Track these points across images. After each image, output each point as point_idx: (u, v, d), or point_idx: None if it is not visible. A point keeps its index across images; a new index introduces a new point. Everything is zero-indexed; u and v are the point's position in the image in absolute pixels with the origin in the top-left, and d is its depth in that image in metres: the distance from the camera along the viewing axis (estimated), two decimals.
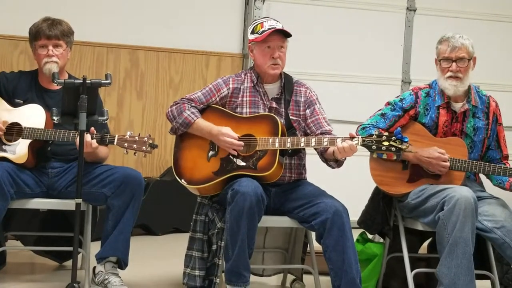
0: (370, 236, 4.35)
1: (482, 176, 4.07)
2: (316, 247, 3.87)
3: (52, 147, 4.04)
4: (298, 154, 3.93)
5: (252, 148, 3.80)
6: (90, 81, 3.64)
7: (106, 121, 3.91)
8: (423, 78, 4.53)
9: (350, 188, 5.03)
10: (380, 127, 3.96)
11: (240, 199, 3.59)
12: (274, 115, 3.84)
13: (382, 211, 4.03)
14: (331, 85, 6.24)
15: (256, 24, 3.92)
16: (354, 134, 3.68)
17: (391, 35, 6.54)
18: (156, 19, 6.02)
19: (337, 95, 6.13)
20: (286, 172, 3.89)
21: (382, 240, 4.25)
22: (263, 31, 3.85)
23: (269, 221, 3.83)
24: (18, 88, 4.10)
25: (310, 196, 3.80)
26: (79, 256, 3.91)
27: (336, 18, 6.40)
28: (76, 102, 3.61)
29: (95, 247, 4.09)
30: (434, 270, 3.73)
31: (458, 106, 3.97)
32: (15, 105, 4.04)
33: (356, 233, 3.96)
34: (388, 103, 4.03)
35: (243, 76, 3.98)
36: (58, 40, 4.07)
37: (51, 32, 4.05)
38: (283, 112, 3.92)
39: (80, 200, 3.65)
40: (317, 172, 4.05)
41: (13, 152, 3.95)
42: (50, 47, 4.05)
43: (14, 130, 3.96)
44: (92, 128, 3.90)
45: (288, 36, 3.88)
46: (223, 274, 3.80)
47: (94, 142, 3.87)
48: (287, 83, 3.97)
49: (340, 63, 6.42)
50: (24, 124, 3.95)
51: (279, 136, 3.75)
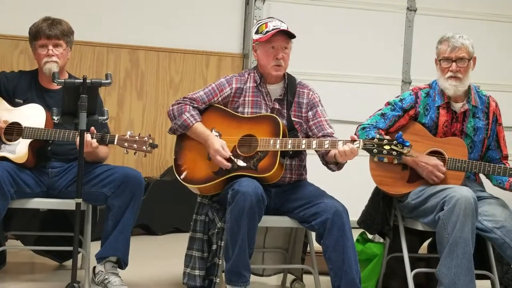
0: (370, 236, 4.35)
1: (482, 176, 4.06)
2: (316, 247, 3.87)
3: (52, 147, 4.04)
4: (299, 156, 3.93)
5: (253, 148, 3.79)
6: (90, 81, 3.64)
7: (106, 120, 3.91)
8: (423, 78, 4.52)
9: (350, 188, 5.03)
10: (380, 127, 3.96)
11: (240, 199, 3.59)
12: (275, 116, 3.83)
13: (382, 211, 4.02)
14: (331, 85, 6.24)
15: (261, 24, 3.91)
16: (355, 137, 3.67)
17: (391, 35, 6.54)
18: (156, 19, 6.02)
19: (337, 95, 6.12)
20: (287, 173, 3.88)
21: (382, 240, 4.25)
22: (267, 31, 3.84)
23: (269, 221, 3.83)
24: (18, 88, 4.10)
25: (310, 196, 3.80)
26: (79, 256, 3.90)
27: (336, 18, 6.40)
28: (76, 102, 3.60)
29: (95, 247, 4.08)
30: (434, 270, 3.73)
31: (458, 106, 3.97)
32: (15, 105, 4.05)
33: (356, 233, 3.96)
34: (388, 103, 4.03)
35: (246, 76, 3.98)
36: (58, 40, 4.07)
37: (51, 32, 4.05)
38: (285, 113, 3.91)
39: (80, 200, 3.64)
40: (317, 173, 4.05)
41: (13, 152, 3.94)
42: (50, 47, 4.05)
43: (14, 130, 3.96)
44: (92, 127, 3.90)
45: (292, 37, 3.88)
46: (223, 274, 3.80)
47: (94, 142, 3.86)
48: (290, 84, 3.96)
49: (340, 63, 6.42)
50: (24, 123, 3.95)
51: (280, 137, 3.75)
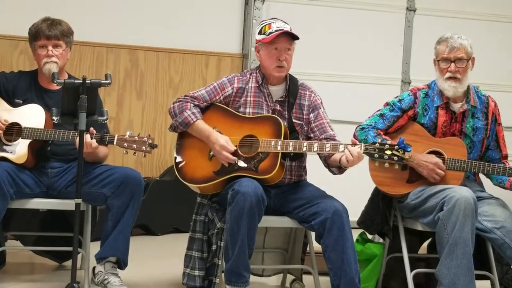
0: (370, 236, 4.35)
1: (482, 176, 4.06)
2: (316, 247, 3.87)
3: (52, 147, 4.04)
4: (300, 158, 3.92)
5: (254, 149, 3.79)
6: (90, 81, 3.64)
7: (105, 121, 3.91)
8: (423, 78, 4.52)
9: (350, 188, 5.02)
10: (379, 127, 3.96)
11: (240, 199, 3.58)
12: (277, 117, 3.83)
13: (381, 211, 4.02)
14: (331, 85, 6.23)
15: (264, 25, 3.89)
16: (356, 142, 3.68)
17: (391, 35, 6.54)
18: (156, 19, 6.02)
19: (336, 95, 6.12)
20: (286, 174, 3.88)
21: (381, 240, 4.25)
22: (271, 33, 3.83)
23: (269, 221, 3.83)
24: (18, 88, 4.10)
25: (310, 197, 3.80)
26: (79, 256, 3.90)
27: (336, 18, 6.40)
28: (76, 102, 3.60)
29: (94, 247, 4.08)
30: (434, 270, 3.73)
31: (457, 107, 3.97)
32: (14, 105, 4.05)
33: (356, 233, 3.96)
34: (387, 104, 4.03)
35: (248, 76, 3.97)
36: (58, 40, 4.06)
37: (50, 32, 4.05)
38: (286, 115, 3.91)
39: (79, 200, 3.64)
40: (317, 173, 4.04)
41: (12, 152, 3.94)
42: (50, 47, 4.04)
43: (14, 130, 3.96)
44: (91, 128, 3.90)
45: (295, 38, 3.87)
46: (223, 274, 3.80)
47: (94, 142, 3.86)
48: (292, 86, 3.95)
49: (340, 63, 6.42)
50: (24, 124, 3.95)
51: (282, 139, 3.75)
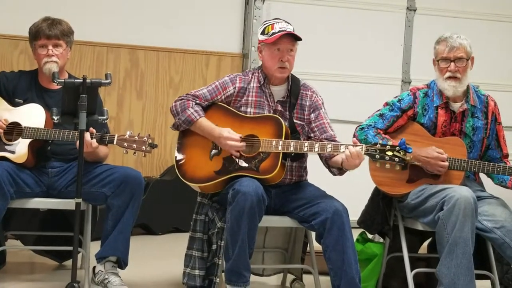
0: (370, 236, 4.35)
1: (482, 176, 4.06)
2: (316, 246, 3.87)
3: (52, 147, 4.04)
4: (301, 159, 3.92)
5: (255, 149, 3.79)
6: (90, 80, 3.64)
7: (106, 120, 3.91)
8: (423, 78, 4.52)
9: (350, 188, 5.02)
10: (379, 127, 3.96)
11: (241, 199, 3.58)
12: (278, 117, 3.82)
13: (382, 211, 4.02)
14: (331, 85, 6.23)
15: (267, 25, 3.89)
16: (357, 142, 3.68)
17: (391, 35, 6.54)
18: (156, 19, 6.02)
19: (337, 95, 6.11)
20: (287, 174, 3.88)
21: (382, 240, 4.25)
22: (274, 33, 3.83)
23: (269, 221, 3.83)
24: (18, 87, 4.10)
25: (310, 196, 3.80)
26: (79, 255, 3.90)
27: (336, 18, 6.40)
28: (76, 101, 3.60)
29: (95, 247, 4.08)
30: (434, 270, 3.73)
31: (457, 106, 3.97)
32: (15, 104, 4.04)
33: (356, 233, 3.96)
34: (387, 104, 4.03)
35: (250, 76, 3.96)
36: (58, 40, 4.06)
37: (51, 32, 4.05)
38: (288, 116, 3.91)
39: (80, 200, 3.64)
40: (317, 173, 4.04)
41: (13, 152, 3.94)
42: (50, 47, 4.04)
43: (14, 130, 3.96)
44: (91, 128, 3.90)
45: (298, 39, 3.87)
46: (223, 274, 3.80)
47: (94, 142, 3.86)
48: (294, 86, 3.94)
49: (340, 63, 6.42)
50: (24, 123, 3.95)
51: (283, 139, 3.75)
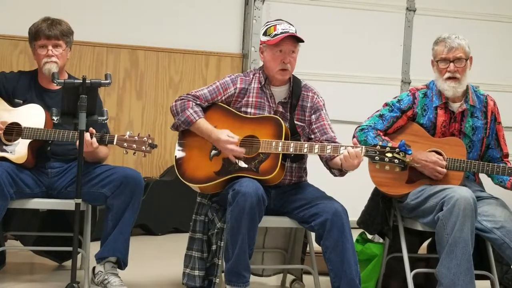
0: (370, 236, 4.35)
1: (482, 176, 4.06)
2: (316, 247, 3.87)
3: (52, 147, 4.04)
4: (301, 159, 3.92)
5: (254, 150, 3.79)
6: (89, 81, 3.64)
7: (105, 121, 3.91)
8: (423, 78, 4.51)
9: (350, 188, 5.02)
10: (378, 128, 3.96)
11: (241, 199, 3.58)
12: (278, 118, 3.82)
13: (381, 211, 4.02)
14: (331, 85, 6.23)
15: (269, 26, 3.88)
16: (357, 143, 3.68)
17: (391, 35, 6.54)
18: (156, 19, 6.02)
19: (336, 95, 6.11)
20: (287, 175, 3.88)
21: (381, 240, 4.25)
22: (276, 35, 3.82)
23: (269, 221, 3.83)
24: (18, 88, 4.10)
25: (310, 197, 3.80)
26: (79, 256, 3.90)
27: (336, 18, 6.40)
28: (76, 102, 3.61)
29: (94, 247, 4.08)
30: (434, 270, 3.73)
31: (456, 106, 3.97)
32: (14, 105, 4.04)
33: (355, 233, 3.96)
34: (386, 104, 4.03)
35: (251, 76, 3.95)
36: (58, 40, 4.06)
37: (50, 32, 4.04)
38: (288, 117, 3.90)
39: (79, 200, 3.65)
40: (317, 174, 4.04)
41: (12, 152, 3.94)
42: (50, 47, 4.04)
43: (14, 130, 3.96)
44: (91, 128, 3.90)
45: (300, 41, 3.86)
46: (223, 274, 3.80)
47: (94, 142, 3.86)
48: (295, 87, 3.93)
49: (340, 64, 6.42)
50: (24, 124, 3.95)
51: (283, 140, 3.75)
